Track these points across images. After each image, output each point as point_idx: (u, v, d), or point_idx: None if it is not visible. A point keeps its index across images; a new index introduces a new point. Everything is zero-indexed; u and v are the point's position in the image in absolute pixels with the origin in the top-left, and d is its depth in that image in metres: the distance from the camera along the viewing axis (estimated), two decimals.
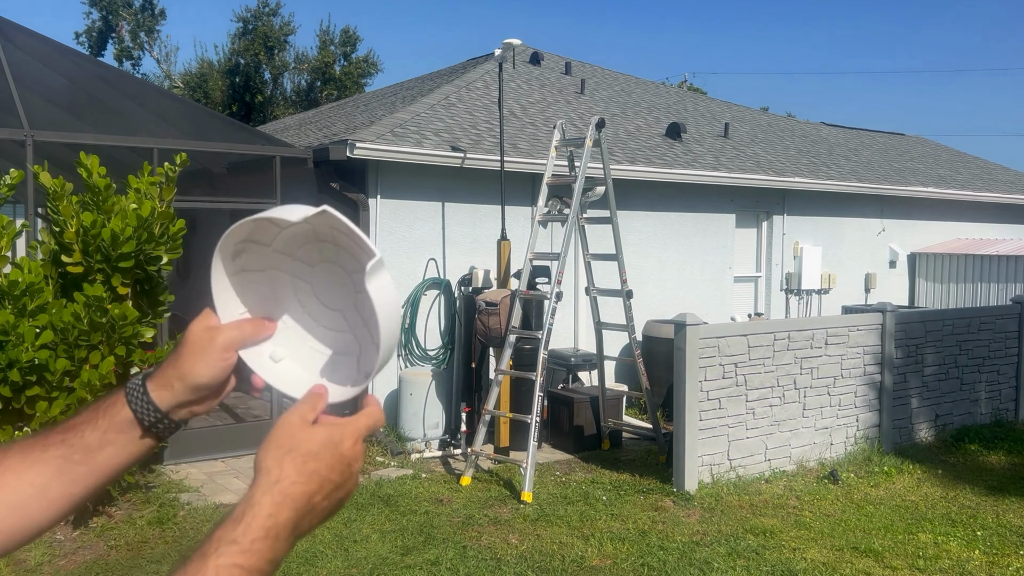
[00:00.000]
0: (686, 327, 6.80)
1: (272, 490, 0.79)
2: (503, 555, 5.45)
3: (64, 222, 5.82)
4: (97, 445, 0.87)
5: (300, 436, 0.82)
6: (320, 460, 0.82)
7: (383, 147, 8.11)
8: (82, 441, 0.87)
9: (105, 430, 0.88)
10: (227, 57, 26.65)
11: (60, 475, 0.86)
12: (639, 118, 12.59)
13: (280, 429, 0.83)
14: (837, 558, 5.50)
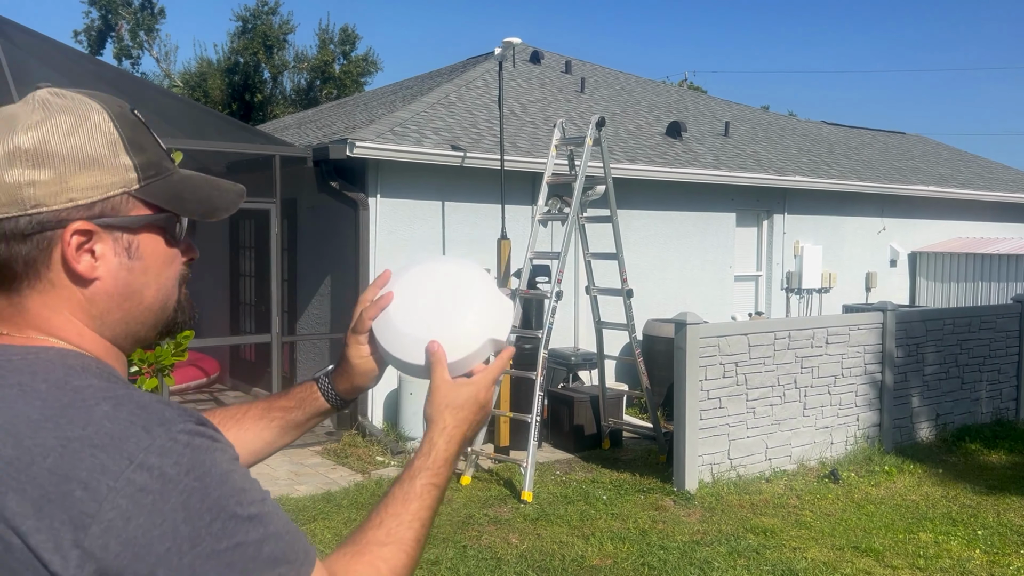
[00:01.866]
0: (686, 326, 6.79)
1: (444, 434, 1.19)
2: (503, 554, 5.44)
3: None
4: (304, 420, 1.37)
5: (451, 394, 1.22)
6: (467, 409, 1.21)
7: (383, 146, 8.10)
8: (292, 417, 1.36)
9: (309, 414, 1.37)
10: (226, 56, 26.64)
11: (281, 435, 1.37)
12: (639, 117, 12.58)
13: (437, 391, 1.22)
14: (838, 557, 5.49)
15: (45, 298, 0.94)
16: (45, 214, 0.91)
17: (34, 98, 0.97)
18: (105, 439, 0.81)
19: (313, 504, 6.37)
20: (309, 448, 8.13)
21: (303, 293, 9.58)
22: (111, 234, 0.95)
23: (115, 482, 0.79)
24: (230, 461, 0.89)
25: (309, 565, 0.95)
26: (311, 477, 7.21)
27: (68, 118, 0.94)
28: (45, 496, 0.78)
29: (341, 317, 8.79)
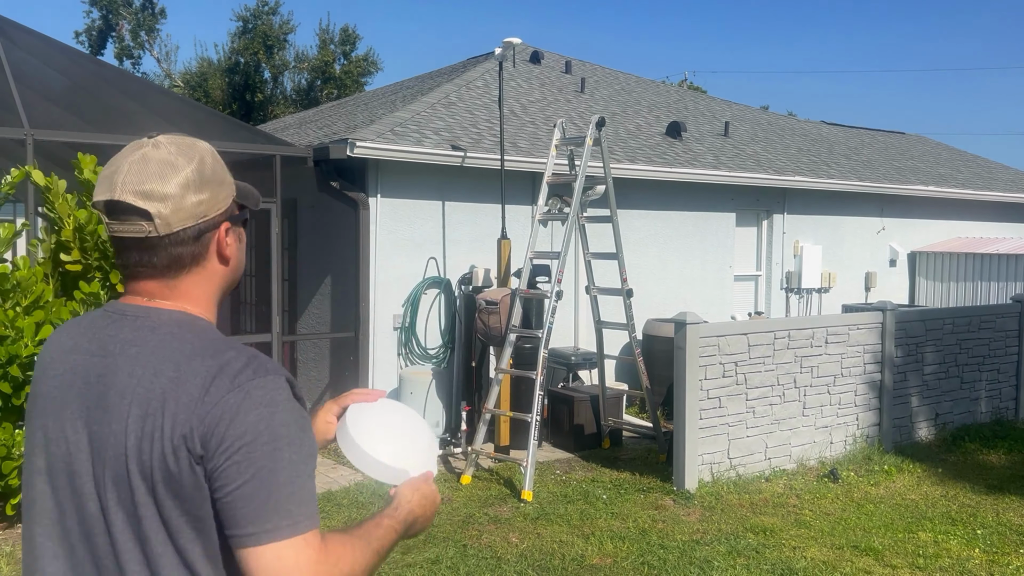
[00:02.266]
0: (686, 326, 6.80)
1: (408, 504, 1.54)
2: (503, 554, 5.45)
3: (61, 220, 5.82)
4: None
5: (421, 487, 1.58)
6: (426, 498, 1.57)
7: (383, 146, 8.11)
8: None
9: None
10: (227, 56, 26.66)
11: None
12: (639, 117, 12.59)
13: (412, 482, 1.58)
14: (837, 557, 5.50)
15: (195, 278, 1.46)
16: (208, 221, 1.42)
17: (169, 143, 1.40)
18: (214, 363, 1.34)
19: None
20: None
21: (303, 293, 9.59)
22: (233, 227, 1.48)
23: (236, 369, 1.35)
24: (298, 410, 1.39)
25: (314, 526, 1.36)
26: None
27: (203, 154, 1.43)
28: (194, 399, 1.27)
29: (342, 317, 8.80)
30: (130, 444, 1.29)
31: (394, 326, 8.59)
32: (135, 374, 1.33)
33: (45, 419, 1.40)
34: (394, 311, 8.57)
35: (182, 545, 1.29)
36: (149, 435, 1.28)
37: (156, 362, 1.33)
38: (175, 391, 1.29)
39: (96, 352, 1.39)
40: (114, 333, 1.40)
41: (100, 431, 1.33)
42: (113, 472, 1.30)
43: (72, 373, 1.39)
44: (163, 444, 1.27)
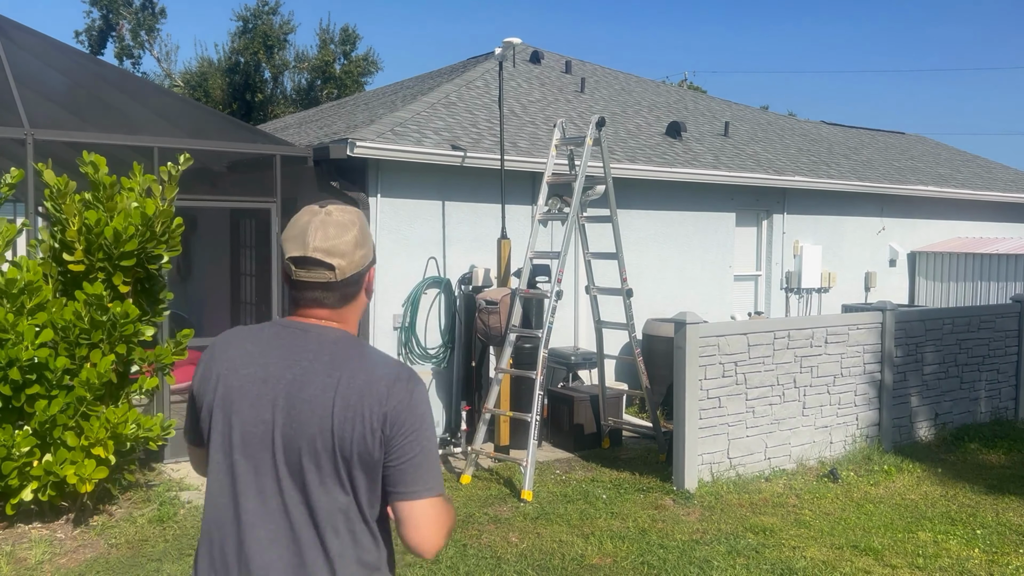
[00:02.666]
0: (686, 326, 6.80)
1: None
2: (503, 553, 5.46)
3: (66, 220, 5.82)
4: None
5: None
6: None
7: (383, 146, 8.11)
8: None
9: None
10: (227, 56, 26.65)
11: None
12: (639, 117, 12.59)
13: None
14: (837, 556, 5.51)
15: (352, 308, 1.95)
16: (366, 268, 1.94)
17: (338, 211, 1.93)
18: (386, 363, 1.88)
19: None
20: None
21: None
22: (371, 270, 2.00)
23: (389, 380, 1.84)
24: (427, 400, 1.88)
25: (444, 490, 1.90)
26: None
27: (360, 219, 1.96)
28: (382, 396, 1.79)
29: None
30: (336, 425, 1.79)
31: (394, 326, 8.59)
32: (333, 375, 1.83)
33: (240, 404, 1.87)
34: (394, 311, 8.58)
35: (357, 496, 1.82)
36: (351, 420, 1.79)
37: (349, 369, 1.84)
38: (368, 390, 1.82)
39: (286, 357, 1.88)
40: (302, 344, 1.89)
41: (301, 416, 1.81)
42: (312, 444, 1.80)
43: (264, 371, 1.87)
44: (363, 426, 1.79)
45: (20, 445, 5.48)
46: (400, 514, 1.85)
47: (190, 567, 5.15)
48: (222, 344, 1.99)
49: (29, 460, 5.56)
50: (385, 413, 1.81)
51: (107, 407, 5.86)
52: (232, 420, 1.86)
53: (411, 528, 1.84)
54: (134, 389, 6.20)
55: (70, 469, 5.55)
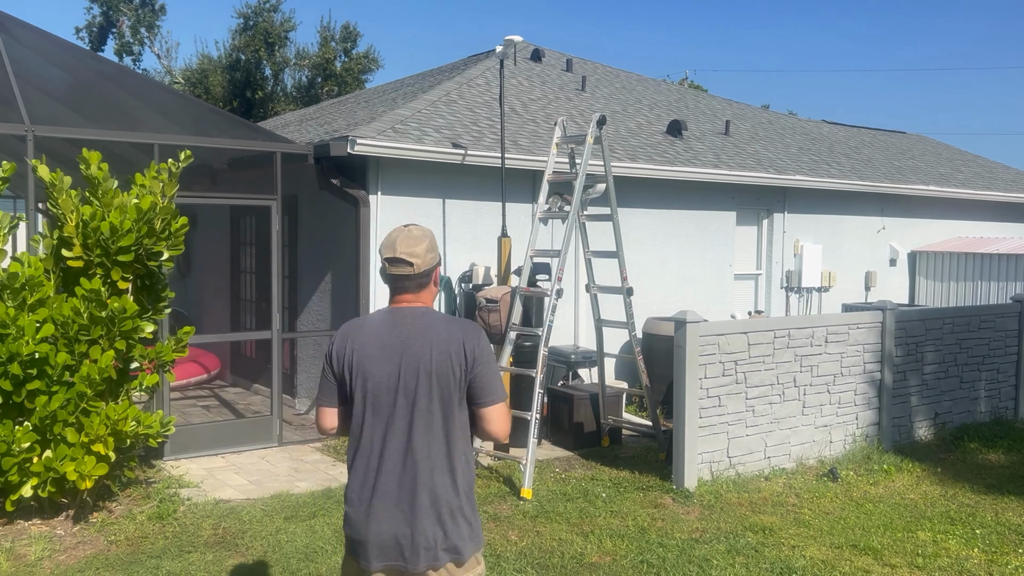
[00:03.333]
0: (686, 325, 6.80)
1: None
2: (502, 551, 5.46)
3: (64, 216, 5.82)
4: None
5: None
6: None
7: (384, 143, 8.11)
8: None
9: None
10: (228, 53, 26.62)
11: None
12: (640, 115, 12.59)
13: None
14: (836, 556, 5.51)
15: (426, 292, 2.89)
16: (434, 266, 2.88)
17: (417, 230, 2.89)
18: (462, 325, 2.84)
19: (313, 500, 6.39)
20: (309, 445, 8.14)
21: (304, 290, 9.59)
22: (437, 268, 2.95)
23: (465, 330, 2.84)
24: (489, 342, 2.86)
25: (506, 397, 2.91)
26: (311, 473, 7.22)
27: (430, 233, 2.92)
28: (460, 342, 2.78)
29: (342, 314, 8.80)
30: (433, 362, 2.77)
31: None
32: (427, 333, 2.81)
33: (370, 366, 2.81)
34: None
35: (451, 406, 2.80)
36: (439, 359, 2.77)
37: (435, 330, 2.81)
38: (448, 338, 2.80)
39: (393, 329, 2.84)
40: (400, 320, 2.85)
41: (410, 365, 2.77)
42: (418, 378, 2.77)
43: (381, 341, 2.82)
44: (450, 362, 2.77)
45: (20, 441, 5.48)
46: (483, 415, 2.86)
47: (189, 565, 5.16)
48: (346, 331, 2.93)
49: (29, 456, 5.56)
50: (465, 349, 2.80)
51: (107, 404, 5.87)
52: (367, 376, 2.82)
53: (490, 423, 2.87)
54: (134, 386, 6.20)
55: (70, 465, 5.56)
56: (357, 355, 2.83)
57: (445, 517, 2.77)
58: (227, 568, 5.15)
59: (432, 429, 2.78)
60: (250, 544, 5.52)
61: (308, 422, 9.11)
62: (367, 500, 2.79)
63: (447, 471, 2.80)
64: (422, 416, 2.77)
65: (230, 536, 5.66)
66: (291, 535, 5.68)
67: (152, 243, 5.98)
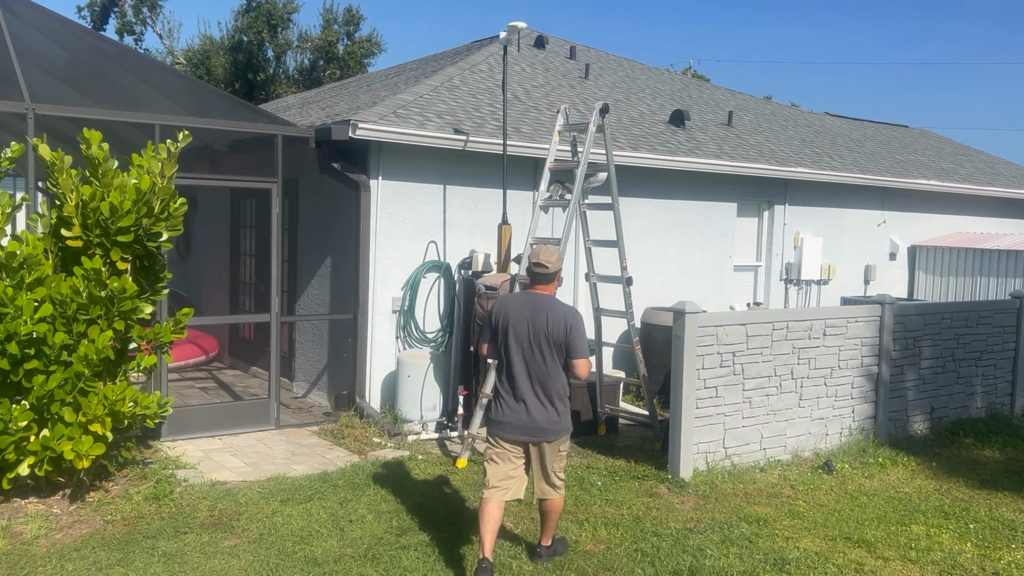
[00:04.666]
0: (685, 315, 6.80)
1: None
2: (497, 537, 5.47)
3: (64, 195, 5.80)
4: None
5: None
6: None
7: (385, 128, 8.08)
8: None
9: None
10: (230, 34, 26.51)
11: None
12: (643, 104, 12.55)
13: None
14: (830, 548, 5.53)
15: (551, 286, 4.98)
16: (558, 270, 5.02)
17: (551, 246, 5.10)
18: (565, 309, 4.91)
19: (310, 483, 6.40)
20: (306, 428, 8.16)
21: (303, 273, 9.59)
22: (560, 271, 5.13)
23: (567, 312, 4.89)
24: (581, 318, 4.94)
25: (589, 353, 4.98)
26: (308, 457, 7.24)
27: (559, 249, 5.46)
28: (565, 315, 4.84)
29: (341, 298, 8.80)
30: (548, 328, 4.75)
31: (393, 309, 8.59)
32: (547, 311, 4.80)
33: (514, 324, 4.81)
34: (393, 294, 8.57)
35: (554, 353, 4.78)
36: (553, 326, 4.75)
37: (553, 309, 4.81)
38: (557, 316, 4.78)
39: (529, 304, 4.86)
40: (534, 300, 4.88)
41: (535, 327, 4.76)
42: (539, 337, 4.76)
43: (520, 310, 4.85)
44: (559, 328, 4.76)
45: (17, 420, 5.49)
46: (572, 364, 4.80)
47: (185, 546, 5.18)
48: (502, 301, 5.00)
49: (26, 435, 5.57)
50: (567, 324, 4.75)
51: (105, 384, 5.87)
52: (509, 331, 4.81)
53: (575, 368, 4.80)
54: (132, 367, 6.20)
55: (67, 445, 5.57)
56: (504, 316, 4.88)
57: (546, 411, 4.83)
58: (223, 549, 5.17)
59: (544, 363, 4.79)
60: (246, 526, 5.54)
61: (306, 406, 9.13)
62: (507, 396, 4.87)
63: (549, 386, 4.81)
64: (538, 356, 4.78)
65: (226, 518, 5.68)
66: (287, 518, 5.69)
67: (151, 224, 5.97)
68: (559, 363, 4.79)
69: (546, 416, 4.79)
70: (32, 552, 5.06)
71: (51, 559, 4.96)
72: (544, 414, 4.78)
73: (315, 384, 9.39)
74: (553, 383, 4.79)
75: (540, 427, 4.79)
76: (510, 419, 4.80)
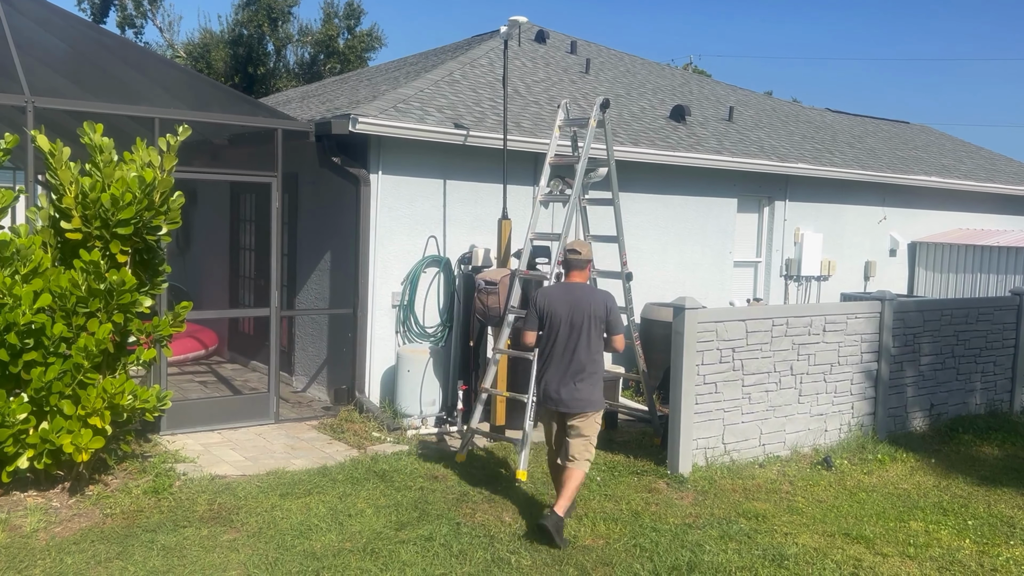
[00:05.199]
0: (685, 311, 6.80)
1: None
2: (496, 532, 5.48)
3: (63, 187, 5.79)
4: None
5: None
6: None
7: (386, 122, 8.07)
8: None
9: None
10: (230, 28, 26.44)
11: None
12: (643, 99, 12.53)
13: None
14: (828, 544, 5.54)
15: (584, 273, 5.87)
16: (590, 260, 6.03)
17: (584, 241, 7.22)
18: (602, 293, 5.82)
19: (309, 478, 6.40)
20: (306, 422, 8.16)
21: (303, 268, 9.58)
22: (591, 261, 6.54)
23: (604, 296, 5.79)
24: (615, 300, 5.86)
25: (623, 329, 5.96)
26: (307, 451, 7.24)
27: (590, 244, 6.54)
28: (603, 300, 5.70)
29: (340, 293, 8.80)
30: (591, 310, 5.59)
31: (393, 304, 8.59)
32: (586, 296, 5.67)
33: (556, 311, 5.63)
34: (393, 289, 8.57)
35: (597, 332, 5.62)
36: (595, 308, 5.61)
37: (593, 295, 5.71)
38: (597, 300, 5.66)
39: (568, 294, 5.70)
40: (572, 288, 5.74)
41: (578, 311, 5.59)
42: (583, 319, 5.57)
43: (561, 297, 5.68)
44: (599, 309, 5.62)
45: (16, 412, 5.48)
46: (610, 340, 5.71)
47: (184, 540, 5.18)
48: (544, 291, 5.82)
49: (25, 428, 5.57)
50: (606, 306, 5.62)
51: (104, 377, 5.87)
52: (553, 317, 5.62)
53: (613, 342, 5.71)
54: (131, 360, 6.20)
55: (66, 438, 5.57)
56: (549, 305, 5.68)
57: (584, 386, 5.58)
58: (222, 543, 5.17)
59: (587, 344, 5.58)
60: (245, 520, 5.54)
61: (305, 400, 9.13)
62: (550, 375, 5.63)
63: (590, 363, 5.59)
64: (584, 336, 5.57)
65: (225, 512, 5.68)
66: (286, 512, 5.70)
67: (151, 217, 5.96)
68: (600, 343, 5.63)
69: (583, 391, 5.55)
70: (31, 545, 5.06)
71: (50, 552, 4.96)
72: (580, 389, 5.54)
73: (314, 378, 9.39)
74: (594, 359, 5.60)
75: (577, 401, 5.54)
76: (555, 392, 5.57)
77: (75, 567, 4.78)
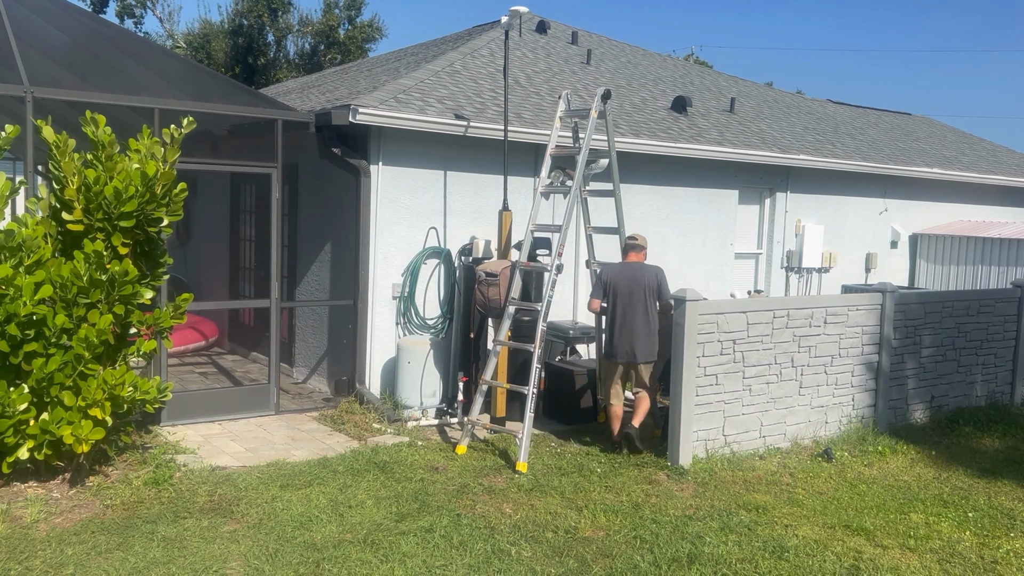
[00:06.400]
0: (686, 303, 6.79)
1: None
2: (497, 524, 5.48)
3: (65, 179, 5.78)
4: None
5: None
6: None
7: (386, 113, 8.04)
8: None
9: None
10: (230, 18, 26.36)
11: None
12: (645, 90, 12.49)
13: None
14: (829, 535, 5.54)
15: (642, 254, 7.46)
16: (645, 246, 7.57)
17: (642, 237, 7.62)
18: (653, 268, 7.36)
19: (309, 469, 6.41)
20: (306, 414, 8.16)
21: (303, 259, 9.57)
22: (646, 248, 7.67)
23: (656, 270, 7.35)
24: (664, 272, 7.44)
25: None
26: (307, 442, 7.25)
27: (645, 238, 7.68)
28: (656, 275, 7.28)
29: (341, 284, 8.79)
30: (645, 282, 7.19)
31: (393, 295, 8.58)
32: (643, 273, 7.25)
33: (618, 285, 7.23)
34: (393, 280, 8.56)
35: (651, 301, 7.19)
36: (650, 281, 7.21)
37: (648, 271, 7.26)
38: (650, 275, 7.23)
39: (627, 271, 7.29)
40: (630, 266, 7.32)
41: (635, 285, 7.18)
42: (642, 290, 7.17)
43: (621, 274, 7.28)
44: (653, 281, 7.22)
45: (16, 403, 5.48)
46: (661, 305, 7.19)
47: (185, 530, 5.19)
48: (609, 269, 7.44)
49: (25, 418, 5.57)
50: (657, 278, 7.21)
51: (105, 368, 5.87)
52: (617, 290, 7.23)
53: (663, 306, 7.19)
54: (132, 351, 6.19)
55: (67, 429, 5.57)
56: (613, 279, 7.21)
57: (643, 342, 7.12)
58: (222, 534, 5.17)
59: (644, 309, 7.09)
60: (245, 511, 5.54)
61: (305, 391, 9.13)
62: (616, 335, 7.14)
63: (646, 324, 7.10)
64: (640, 305, 7.07)
65: (225, 503, 5.68)
66: (286, 503, 5.70)
67: (153, 209, 5.95)
68: (654, 307, 7.15)
69: (643, 345, 7.14)
70: (31, 536, 5.07)
71: (50, 543, 4.97)
72: (640, 343, 7.13)
73: (315, 370, 9.39)
74: (650, 321, 7.15)
75: (638, 352, 7.15)
76: (619, 346, 7.18)
77: (75, 558, 4.79)
